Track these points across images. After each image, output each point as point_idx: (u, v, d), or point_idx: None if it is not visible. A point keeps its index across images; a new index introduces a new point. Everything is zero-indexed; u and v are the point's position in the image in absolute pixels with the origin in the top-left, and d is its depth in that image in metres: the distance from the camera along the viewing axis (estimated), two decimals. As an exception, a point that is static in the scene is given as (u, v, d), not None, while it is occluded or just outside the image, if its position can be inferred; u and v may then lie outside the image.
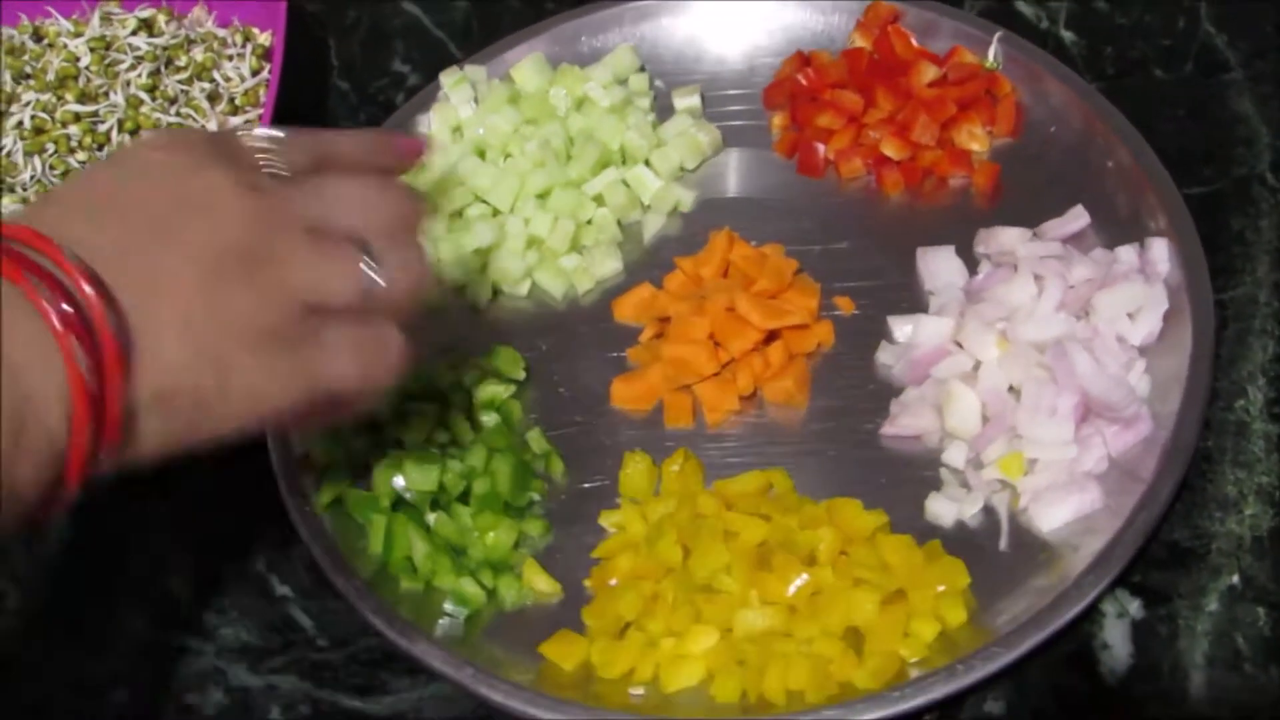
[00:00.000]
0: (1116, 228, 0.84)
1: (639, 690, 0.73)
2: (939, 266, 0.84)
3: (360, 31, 1.04)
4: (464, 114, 0.93)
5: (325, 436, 0.81)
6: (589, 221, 0.90)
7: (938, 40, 0.93)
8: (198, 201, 0.61)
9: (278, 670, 0.77)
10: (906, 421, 0.79)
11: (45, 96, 0.92)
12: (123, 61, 0.93)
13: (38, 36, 0.97)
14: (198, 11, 0.98)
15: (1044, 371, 0.77)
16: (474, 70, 0.95)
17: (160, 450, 0.60)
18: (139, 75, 0.92)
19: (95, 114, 0.91)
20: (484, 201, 0.90)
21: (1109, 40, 0.95)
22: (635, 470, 0.80)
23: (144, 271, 0.58)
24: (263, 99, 0.92)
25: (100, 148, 0.90)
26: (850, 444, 0.80)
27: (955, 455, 0.78)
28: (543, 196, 0.89)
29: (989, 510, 0.76)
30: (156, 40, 0.94)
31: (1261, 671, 0.70)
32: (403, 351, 0.66)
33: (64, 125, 0.91)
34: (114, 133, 0.90)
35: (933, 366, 0.80)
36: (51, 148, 0.90)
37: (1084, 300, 0.79)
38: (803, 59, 0.94)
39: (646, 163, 0.91)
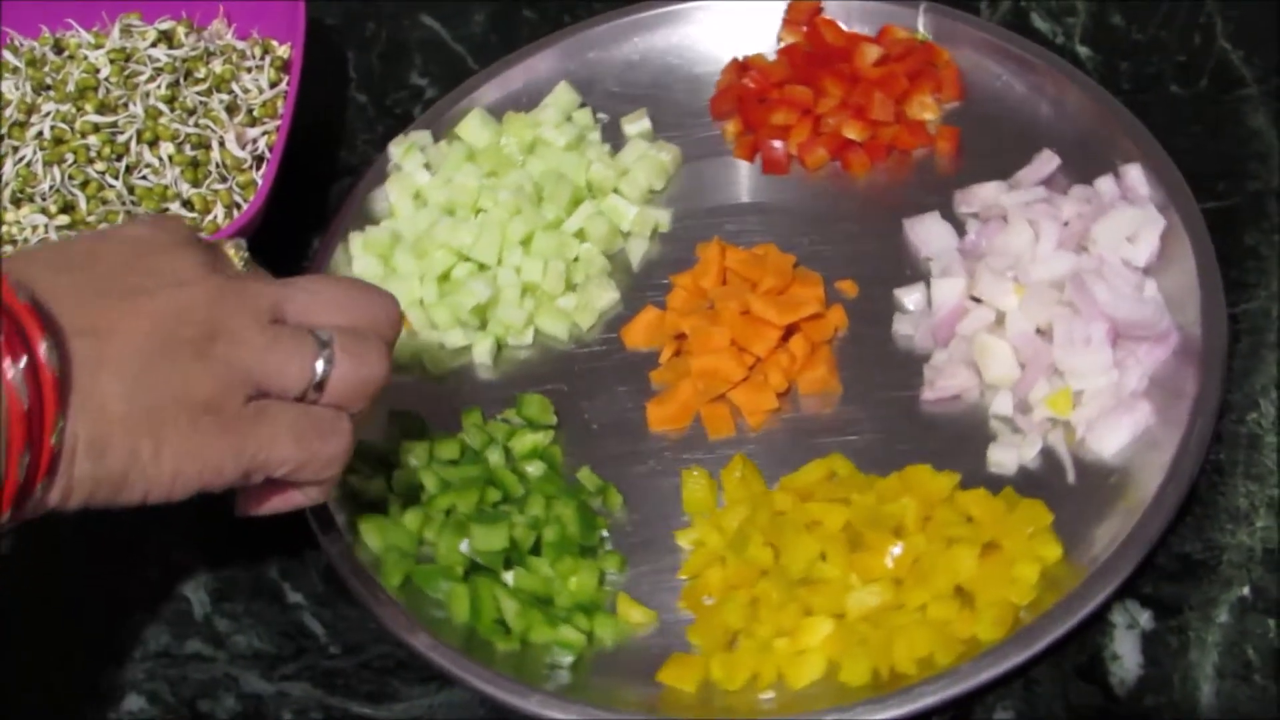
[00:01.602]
0: (1085, 163, 0.87)
1: (768, 695, 0.73)
2: (929, 233, 0.87)
3: (379, 44, 1.05)
4: (421, 180, 0.93)
5: (372, 520, 0.80)
6: (576, 259, 0.90)
7: (863, 25, 0.96)
8: (166, 272, 0.64)
9: (290, 677, 0.77)
10: (944, 383, 0.81)
11: (65, 107, 0.92)
12: (142, 73, 0.93)
13: (58, 48, 0.98)
14: (217, 24, 0.99)
15: (1067, 307, 0.79)
16: (420, 135, 0.95)
17: (88, 499, 0.62)
18: (158, 87, 0.93)
19: (114, 125, 0.91)
20: (468, 259, 0.89)
21: (1125, 56, 0.95)
22: (697, 486, 0.80)
23: (99, 322, 0.61)
24: (281, 110, 0.93)
25: (119, 158, 0.90)
26: (894, 416, 0.81)
27: (1002, 404, 0.79)
28: (525, 243, 0.90)
29: (1047, 451, 0.78)
30: (176, 52, 0.95)
31: (1272, 683, 0.70)
32: (349, 440, 0.68)
33: (83, 136, 0.91)
34: (133, 143, 0.90)
35: (957, 325, 0.82)
36: (71, 158, 0.90)
37: (1079, 235, 0.82)
38: (740, 65, 0.96)
39: (616, 191, 0.92)
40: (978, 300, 0.82)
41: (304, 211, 0.95)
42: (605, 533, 0.80)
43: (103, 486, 0.62)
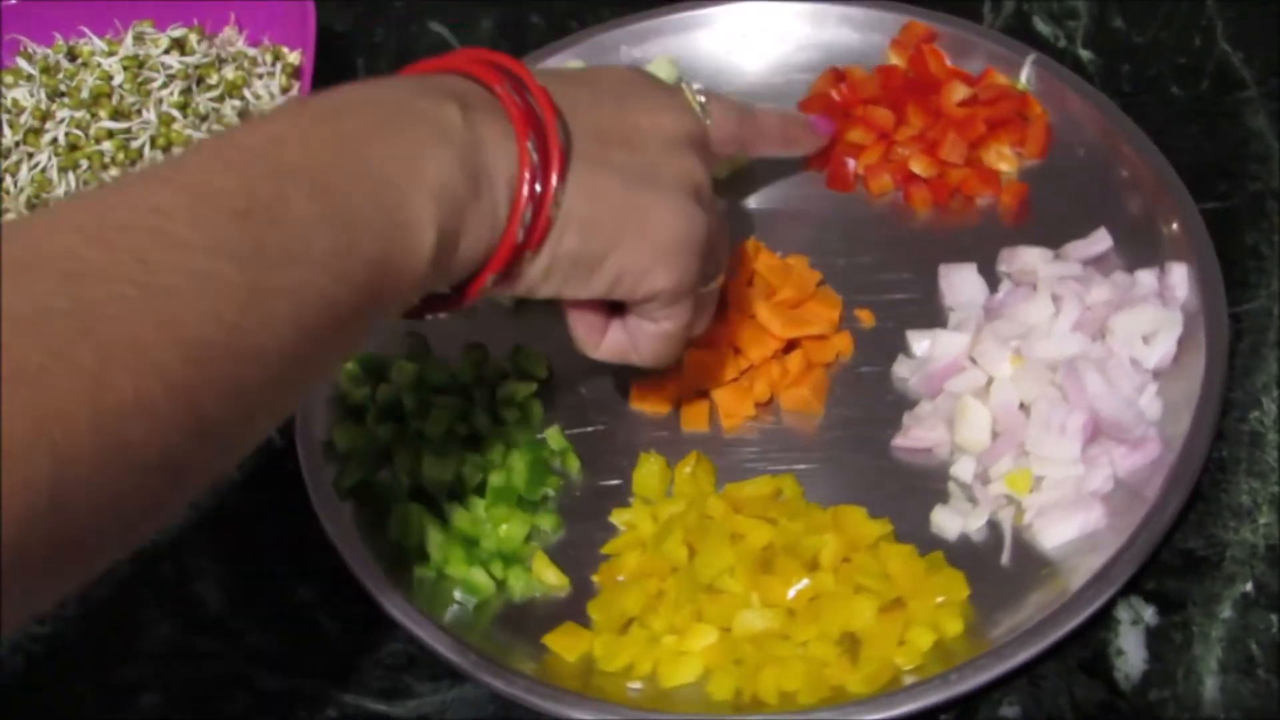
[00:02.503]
0: (1138, 251, 0.84)
1: (637, 684, 0.74)
2: (960, 283, 0.85)
3: (388, 51, 1.06)
4: None
5: (348, 423, 0.83)
6: None
7: (971, 61, 0.94)
8: (652, 98, 0.73)
9: (302, 674, 0.77)
10: (918, 433, 0.80)
11: (79, 114, 0.93)
12: (155, 80, 0.94)
13: (72, 56, 0.99)
14: (228, 31, 1.00)
15: (1056, 390, 0.78)
16: None
17: (564, 281, 0.69)
18: (171, 93, 0.93)
19: (128, 131, 0.92)
20: None
21: (1126, 58, 0.96)
22: (649, 471, 0.81)
23: (603, 126, 0.69)
24: (292, 116, 0.94)
25: (133, 163, 0.91)
26: (862, 453, 0.81)
27: (964, 469, 0.78)
28: None
29: (994, 524, 0.77)
30: (188, 59, 0.95)
31: (1275, 677, 0.71)
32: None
33: (98, 142, 0.92)
34: (146, 149, 0.91)
35: (947, 381, 0.81)
36: (85, 164, 0.91)
37: (1101, 321, 0.80)
38: (837, 74, 0.95)
39: None
40: (975, 361, 0.81)
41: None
42: (552, 492, 0.81)
43: (580, 268, 0.69)
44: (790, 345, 0.84)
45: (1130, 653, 0.73)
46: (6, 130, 0.94)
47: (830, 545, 0.75)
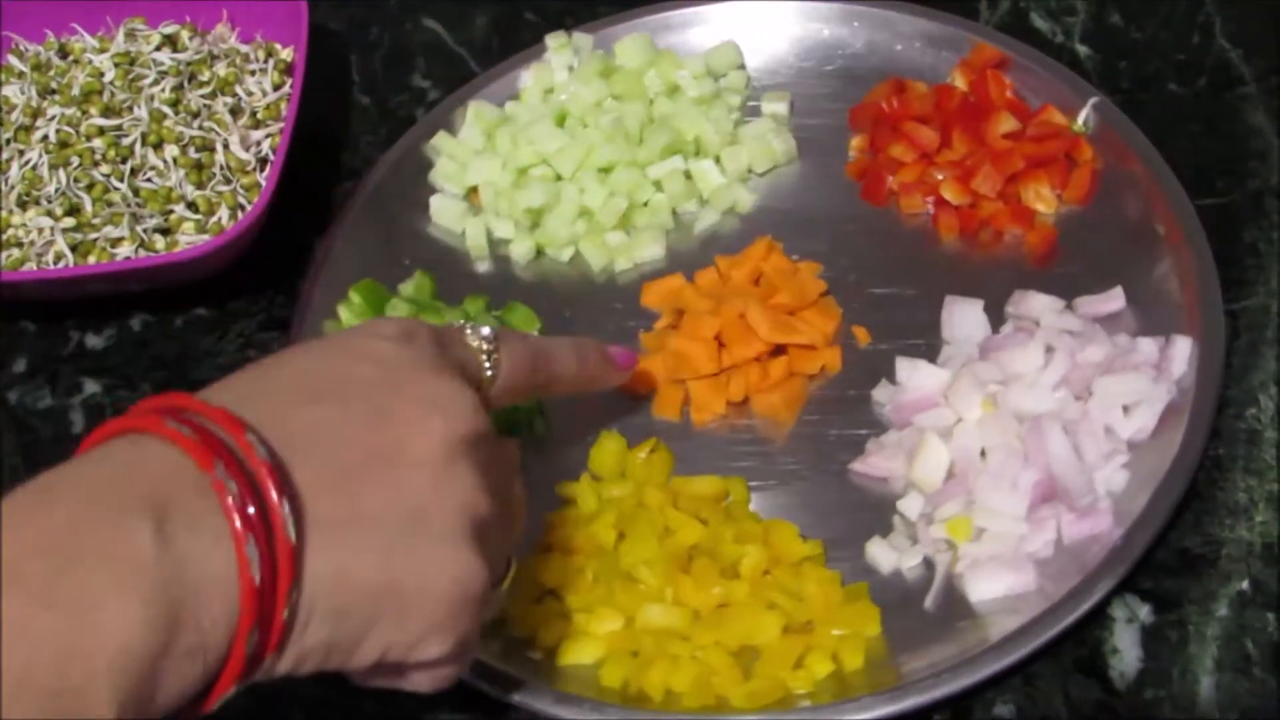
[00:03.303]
0: (1152, 318, 0.81)
1: (538, 654, 0.74)
2: (961, 318, 0.83)
3: (381, 47, 1.05)
4: (559, 78, 0.96)
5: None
6: (645, 204, 0.91)
7: (1037, 94, 0.92)
8: (417, 397, 0.60)
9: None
10: (876, 461, 0.79)
11: (70, 111, 0.93)
12: (147, 76, 0.94)
13: (63, 53, 0.98)
14: (220, 28, 0.99)
15: (1018, 443, 0.76)
16: (580, 38, 0.97)
17: (321, 664, 0.58)
18: (163, 90, 0.93)
19: (119, 128, 0.92)
20: (549, 165, 0.92)
21: (1124, 55, 0.96)
22: (606, 450, 0.81)
23: (348, 484, 0.57)
24: (284, 113, 0.93)
25: (124, 161, 0.91)
26: (820, 471, 0.80)
27: (911, 505, 0.77)
28: (605, 171, 0.91)
29: (926, 564, 0.76)
30: (180, 56, 0.95)
31: (1270, 676, 0.70)
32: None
33: (89, 139, 0.92)
34: (137, 146, 0.91)
35: (917, 414, 0.79)
36: (76, 161, 0.91)
37: (1087, 381, 0.78)
38: (898, 85, 0.93)
39: (717, 159, 0.92)
40: (948, 399, 0.79)
41: (307, 214, 0.95)
42: None
43: (336, 652, 0.58)
44: (778, 349, 0.84)
45: (1125, 651, 0.72)
46: (-3, 127, 0.94)
47: (751, 556, 0.75)
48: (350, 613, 0.57)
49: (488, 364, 0.67)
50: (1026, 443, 0.76)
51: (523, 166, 0.92)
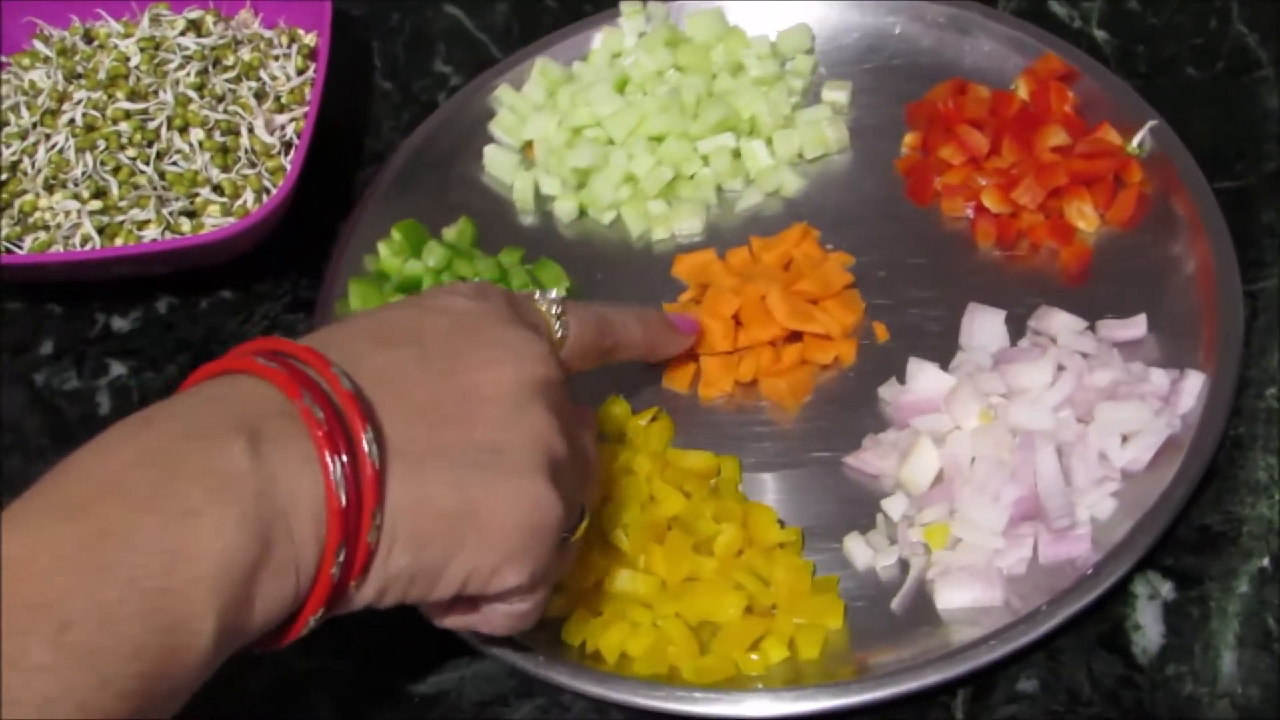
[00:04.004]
0: (1171, 351, 0.80)
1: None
2: (980, 326, 0.83)
3: (403, 33, 1.06)
4: (628, 43, 0.97)
5: (367, 283, 0.88)
6: (691, 177, 0.92)
7: (1098, 111, 0.90)
8: (490, 345, 0.63)
9: (325, 652, 0.77)
10: (870, 458, 0.79)
11: (96, 94, 0.93)
12: (172, 61, 0.94)
13: (88, 38, 0.99)
14: (244, 13, 1.00)
15: (1008, 457, 0.76)
16: (655, 7, 0.99)
17: (403, 595, 0.61)
18: (188, 74, 0.94)
19: (145, 112, 0.92)
20: (602, 128, 0.93)
21: (1141, 40, 0.96)
22: (610, 413, 0.82)
23: (425, 414, 0.60)
24: (308, 97, 0.94)
25: (150, 144, 0.91)
26: (814, 462, 0.81)
27: (895, 505, 0.78)
28: (657, 140, 0.92)
29: (900, 565, 0.76)
30: (204, 40, 0.96)
31: (1292, 651, 0.71)
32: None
33: (115, 123, 0.92)
34: (163, 130, 0.92)
35: (915, 416, 0.80)
36: (103, 144, 0.91)
37: (1091, 405, 0.77)
38: (959, 86, 0.93)
39: (768, 140, 0.93)
40: (948, 405, 0.79)
41: (330, 197, 0.96)
42: None
43: (419, 581, 0.61)
44: (794, 335, 0.85)
45: (1148, 627, 0.73)
46: (24, 112, 0.94)
47: (726, 535, 0.76)
48: (431, 540, 0.59)
49: (558, 326, 0.70)
50: (1015, 459, 0.76)
51: (577, 126, 0.94)
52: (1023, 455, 0.75)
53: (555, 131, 0.94)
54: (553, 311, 0.70)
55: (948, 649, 0.71)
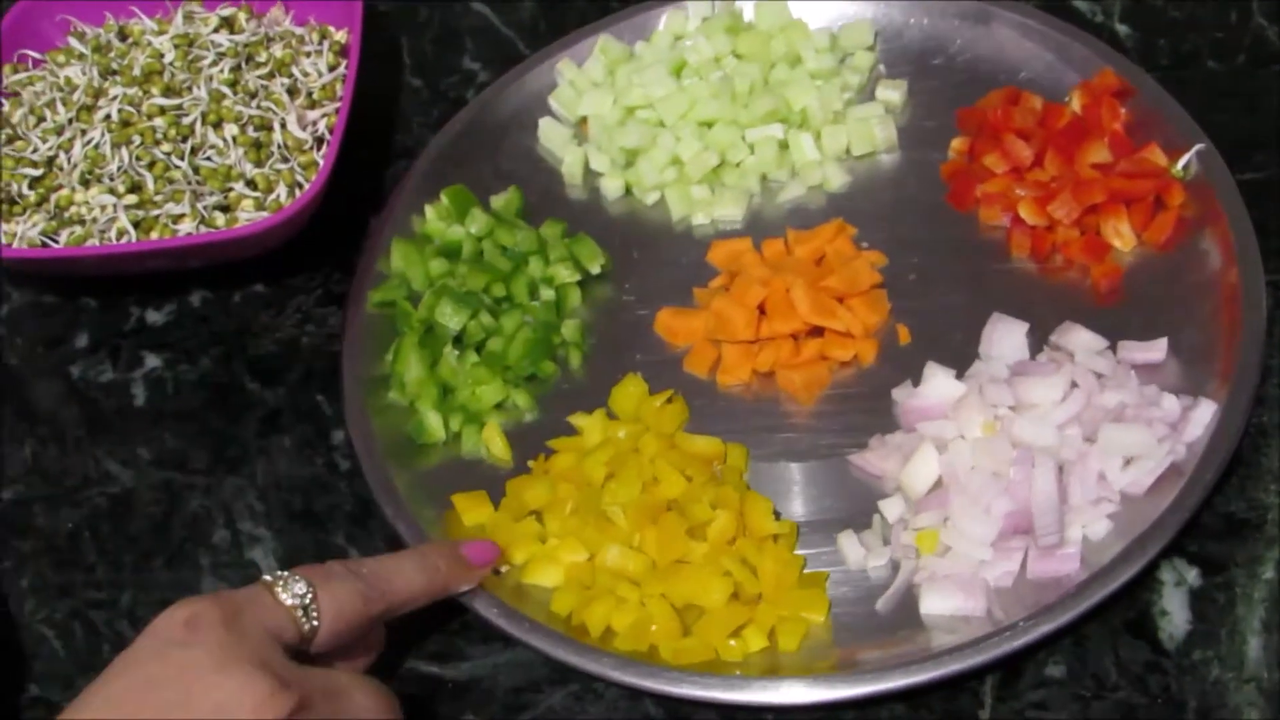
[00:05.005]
0: (1190, 379, 0.80)
1: (505, 567, 0.78)
2: (1001, 337, 0.83)
3: (431, 30, 1.07)
4: (691, 26, 0.99)
5: (409, 245, 0.90)
6: (737, 165, 0.93)
7: (1149, 131, 0.89)
8: (213, 699, 0.62)
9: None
10: (874, 458, 0.80)
11: (132, 91, 0.94)
12: (205, 57, 0.96)
13: (122, 35, 1.00)
14: (275, 11, 1.01)
15: (1005, 470, 0.76)
16: None
17: None
18: (221, 70, 0.95)
19: (179, 107, 0.93)
20: (654, 109, 0.95)
21: (1163, 33, 0.97)
22: (627, 391, 0.84)
23: None
24: (339, 93, 0.95)
25: (184, 139, 0.92)
26: (821, 456, 0.82)
27: (892, 508, 0.78)
28: (706, 125, 0.93)
29: (890, 567, 0.77)
30: (237, 37, 0.97)
31: (1317, 635, 0.72)
32: None
33: (150, 118, 0.93)
34: (198, 125, 0.93)
35: (921, 421, 0.80)
36: (138, 139, 0.92)
37: (1097, 424, 0.77)
38: (1012, 95, 0.93)
39: (817, 135, 0.93)
40: (954, 414, 0.80)
41: (361, 192, 0.97)
42: (543, 375, 0.86)
43: None
44: (815, 330, 0.85)
45: (1174, 613, 0.74)
46: (60, 108, 0.95)
47: (720, 522, 0.77)
48: None
49: (304, 618, 0.67)
50: (1013, 473, 0.76)
51: (630, 106, 0.95)
52: (1020, 470, 0.76)
53: (610, 109, 0.95)
54: (300, 604, 0.67)
55: (925, 653, 0.72)
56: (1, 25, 1.00)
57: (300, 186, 0.92)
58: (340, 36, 0.99)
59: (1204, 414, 0.77)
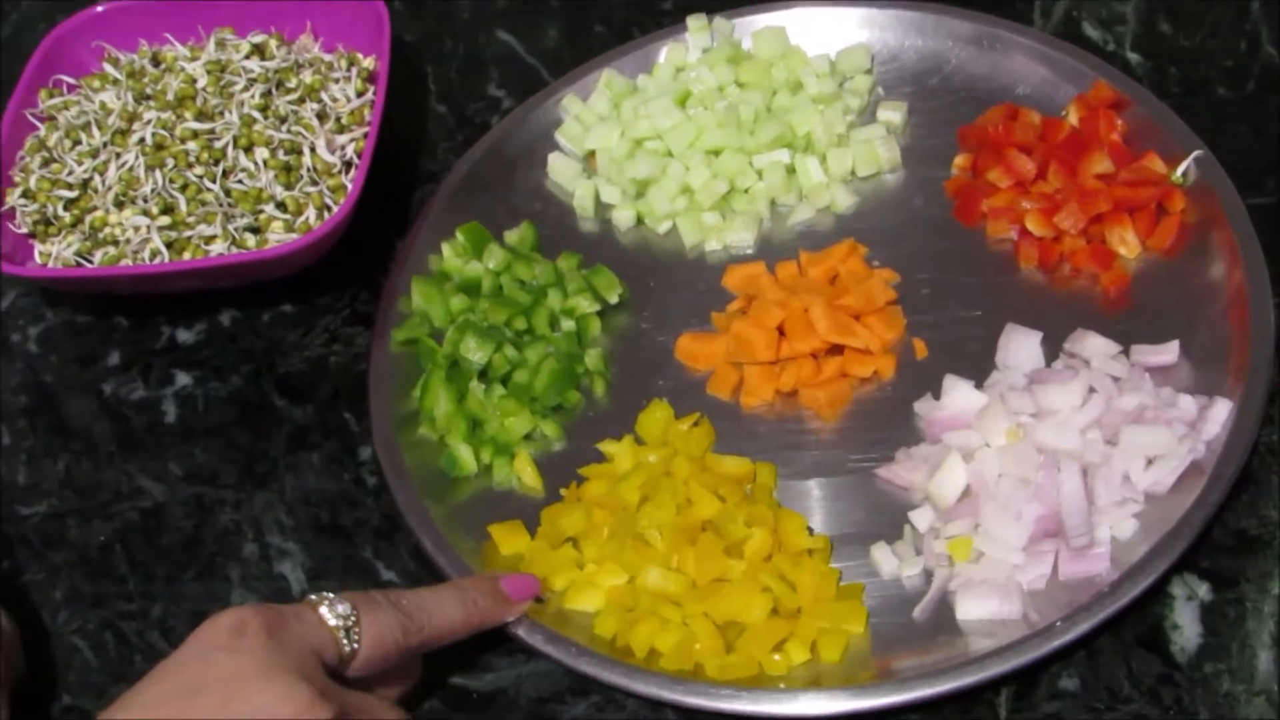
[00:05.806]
0: (1204, 378, 0.82)
1: (546, 594, 0.79)
2: (1017, 347, 0.84)
3: (457, 58, 1.09)
4: (691, 58, 1.00)
5: (429, 282, 0.91)
6: (746, 191, 0.95)
7: (1145, 140, 0.91)
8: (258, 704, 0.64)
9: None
10: (901, 471, 0.82)
11: (165, 115, 0.96)
12: (237, 83, 0.97)
13: (155, 61, 1.02)
14: (304, 38, 1.03)
15: (1033, 476, 0.78)
16: (720, 23, 1.01)
17: None
18: (252, 96, 0.97)
19: (212, 131, 0.95)
20: (662, 140, 0.96)
21: (1173, 61, 0.99)
22: (653, 416, 0.86)
23: None
24: (367, 118, 0.97)
25: (216, 162, 0.94)
26: (848, 471, 0.83)
27: (922, 518, 0.80)
28: (713, 153, 0.95)
29: (925, 576, 0.78)
30: (268, 64, 0.99)
31: (1327, 650, 0.73)
32: None
33: (183, 142, 0.95)
34: (229, 149, 0.94)
35: (946, 432, 0.81)
36: (171, 163, 0.94)
37: (1118, 427, 0.79)
38: (1011, 111, 0.94)
39: (823, 158, 0.95)
40: (978, 423, 0.81)
41: (388, 214, 0.99)
42: (568, 405, 0.88)
43: None
44: (835, 348, 0.87)
45: (1186, 627, 0.75)
46: (95, 131, 0.97)
47: (756, 540, 0.79)
48: None
49: (345, 640, 0.69)
50: (1040, 477, 0.77)
51: (638, 138, 0.97)
52: (1047, 474, 0.77)
53: (617, 142, 0.97)
54: (344, 625, 0.69)
55: (964, 657, 0.73)
56: (38, 51, 1.02)
57: (329, 209, 0.94)
58: (368, 63, 1.01)
59: (1220, 412, 0.79)
